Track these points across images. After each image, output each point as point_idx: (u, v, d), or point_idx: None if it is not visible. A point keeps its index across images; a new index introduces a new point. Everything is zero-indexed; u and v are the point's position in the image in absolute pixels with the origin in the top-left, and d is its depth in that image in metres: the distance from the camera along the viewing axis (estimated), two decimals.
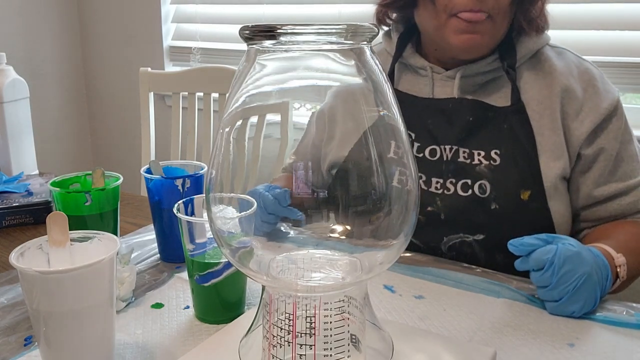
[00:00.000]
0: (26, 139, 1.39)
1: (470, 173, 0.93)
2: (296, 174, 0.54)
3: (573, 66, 0.96)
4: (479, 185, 0.92)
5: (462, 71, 0.95)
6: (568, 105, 0.93)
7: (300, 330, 0.52)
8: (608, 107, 0.92)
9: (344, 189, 0.53)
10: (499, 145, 0.92)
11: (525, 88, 0.94)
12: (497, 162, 0.92)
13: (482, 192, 0.92)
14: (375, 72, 0.53)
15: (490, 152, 0.93)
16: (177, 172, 0.93)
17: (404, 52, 1.01)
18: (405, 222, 0.54)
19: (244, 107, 0.53)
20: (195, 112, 1.72)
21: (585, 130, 0.92)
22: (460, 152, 0.94)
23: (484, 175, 0.92)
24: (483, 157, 0.93)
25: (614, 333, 0.70)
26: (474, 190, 0.92)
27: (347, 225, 0.55)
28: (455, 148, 0.94)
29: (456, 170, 0.94)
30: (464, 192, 0.93)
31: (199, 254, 0.72)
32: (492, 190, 0.91)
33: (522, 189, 0.91)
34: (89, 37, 2.52)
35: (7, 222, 1.07)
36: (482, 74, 0.96)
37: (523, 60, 0.95)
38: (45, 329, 0.57)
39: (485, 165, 0.92)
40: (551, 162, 0.91)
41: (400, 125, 0.54)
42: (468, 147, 0.94)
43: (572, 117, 0.93)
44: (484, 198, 0.92)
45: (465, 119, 0.94)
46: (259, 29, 0.49)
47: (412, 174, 0.55)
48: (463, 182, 0.93)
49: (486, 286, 0.80)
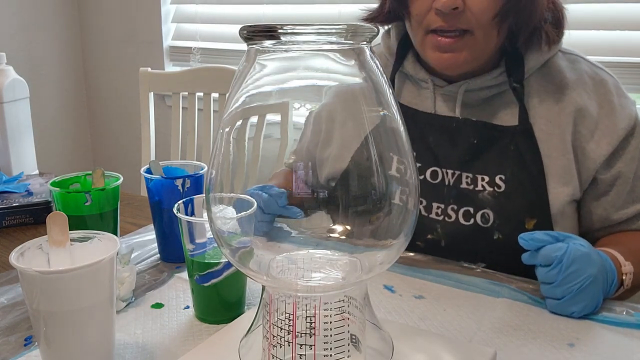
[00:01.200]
0: (26, 139, 1.39)
1: (473, 200, 0.89)
2: (296, 174, 0.54)
3: (587, 78, 0.90)
4: (481, 214, 0.89)
5: (466, 86, 0.90)
6: (581, 124, 0.88)
7: (300, 330, 0.52)
8: (625, 127, 0.87)
9: (344, 189, 0.53)
10: (504, 170, 0.88)
11: (533, 104, 0.89)
12: (501, 188, 0.88)
13: (485, 221, 0.88)
14: (375, 72, 0.53)
15: (494, 178, 0.88)
16: (177, 172, 0.93)
17: (404, 60, 0.96)
18: (405, 222, 0.54)
19: (244, 107, 0.53)
20: (195, 112, 1.72)
21: (603, 154, 0.87)
22: (463, 178, 0.90)
23: (487, 204, 0.88)
24: (487, 182, 0.89)
25: (614, 333, 0.70)
26: (477, 219, 0.89)
27: (347, 225, 0.55)
28: (458, 173, 0.90)
29: (458, 197, 0.90)
30: (466, 220, 0.90)
31: (199, 254, 0.71)
32: (496, 219, 0.88)
33: (528, 218, 0.87)
34: (89, 37, 2.52)
35: (7, 222, 1.07)
36: (486, 89, 0.90)
37: (532, 71, 0.89)
38: (45, 329, 0.57)
39: (489, 192, 0.88)
40: (559, 187, 0.87)
41: (401, 126, 0.54)
42: (471, 171, 0.90)
43: (587, 137, 0.88)
44: (486, 227, 0.88)
45: (470, 141, 0.89)
46: (259, 29, 0.49)
47: (413, 174, 0.55)
48: (465, 209, 0.90)
49: (486, 286, 0.80)
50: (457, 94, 0.91)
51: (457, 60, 0.85)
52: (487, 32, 0.84)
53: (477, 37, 0.84)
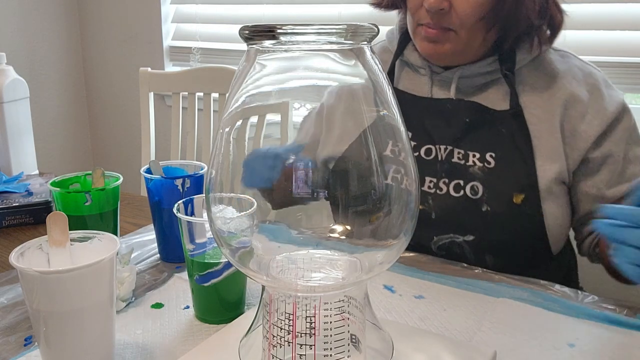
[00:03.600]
0: (26, 139, 1.39)
1: (464, 174, 0.93)
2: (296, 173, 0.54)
3: (576, 69, 0.95)
4: (471, 186, 0.92)
5: (461, 72, 0.95)
6: (572, 108, 0.92)
7: (300, 330, 0.52)
8: (614, 110, 0.92)
9: (344, 189, 0.53)
10: (495, 149, 0.92)
11: (524, 90, 0.94)
12: (491, 164, 0.92)
13: (474, 193, 0.92)
14: (375, 72, 0.53)
15: (485, 155, 0.92)
16: (177, 172, 0.93)
17: (405, 49, 1.01)
18: (405, 222, 0.54)
19: (244, 107, 0.53)
20: (195, 112, 1.72)
21: (594, 133, 0.91)
22: (455, 153, 0.94)
23: (477, 177, 0.92)
24: (478, 159, 0.92)
25: (614, 333, 0.70)
26: (466, 191, 0.92)
27: (347, 225, 0.55)
28: (450, 148, 0.94)
29: (450, 170, 0.94)
30: (456, 192, 0.93)
31: (199, 254, 0.71)
32: (484, 192, 0.91)
33: (516, 193, 0.90)
34: (89, 37, 2.52)
35: (7, 222, 1.07)
36: (481, 75, 0.95)
37: (523, 63, 0.94)
38: (45, 329, 0.57)
39: (479, 167, 0.92)
40: (547, 165, 0.91)
41: (401, 125, 0.54)
42: (463, 148, 0.94)
43: (578, 120, 0.92)
44: (475, 199, 0.91)
45: (463, 119, 0.94)
46: (259, 29, 0.49)
47: (413, 174, 0.55)
48: (456, 182, 0.93)
49: (486, 286, 0.80)
50: (452, 79, 0.96)
51: (439, 50, 0.93)
52: (472, 33, 0.90)
53: (460, 35, 0.90)
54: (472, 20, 0.88)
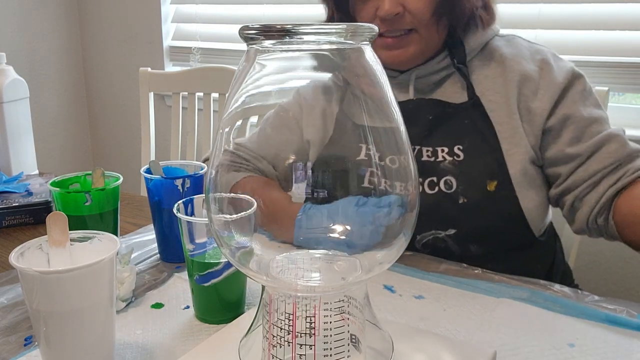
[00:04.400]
0: (26, 139, 1.39)
1: (435, 170, 0.94)
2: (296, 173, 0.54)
3: (524, 49, 0.98)
4: (444, 181, 0.93)
5: (416, 72, 0.97)
6: (525, 87, 0.94)
7: (300, 330, 0.52)
8: (563, 80, 0.93)
9: (344, 189, 0.53)
10: (462, 141, 0.94)
11: (478, 80, 0.96)
12: (460, 157, 0.94)
13: (449, 187, 0.93)
14: (375, 72, 0.53)
15: (453, 148, 0.94)
16: (177, 172, 0.93)
17: None
18: (405, 222, 0.54)
19: (243, 107, 0.53)
20: (195, 112, 1.72)
21: (547, 107, 0.93)
22: (423, 151, 0.95)
23: (449, 171, 0.94)
24: (447, 153, 0.94)
25: (614, 333, 0.70)
26: (440, 186, 0.94)
27: (347, 225, 0.55)
28: (418, 148, 0.96)
29: (421, 170, 0.95)
30: (431, 189, 0.94)
31: (199, 254, 0.71)
32: (459, 185, 0.93)
33: (488, 180, 0.92)
34: (89, 37, 2.52)
35: (7, 222, 1.07)
36: (435, 73, 0.97)
37: (473, 54, 0.97)
38: (45, 329, 0.57)
39: (449, 162, 0.94)
40: (513, 149, 0.93)
41: (401, 125, 0.54)
42: (431, 145, 0.95)
43: (531, 98, 0.94)
44: (450, 193, 0.93)
45: (426, 117, 0.96)
46: (259, 29, 0.49)
47: (413, 174, 0.55)
48: (429, 180, 0.94)
49: (486, 286, 0.80)
50: (409, 81, 0.99)
51: (405, 54, 0.95)
52: (429, 29, 0.93)
53: (421, 34, 0.93)
54: (427, 16, 0.91)
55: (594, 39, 1.49)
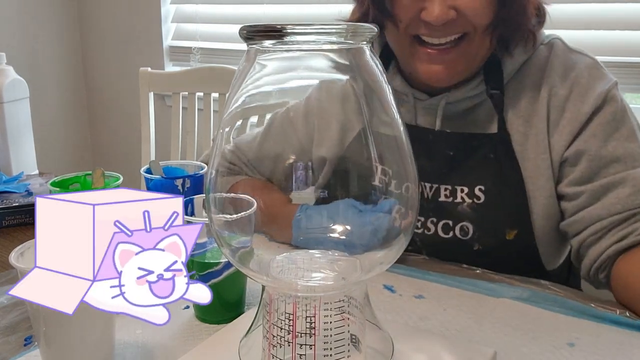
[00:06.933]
0: (26, 139, 1.39)
1: (452, 213, 0.88)
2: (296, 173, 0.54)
3: (558, 65, 0.87)
4: (460, 227, 0.88)
5: (446, 98, 0.88)
6: (553, 111, 0.85)
7: (300, 330, 0.52)
8: (590, 108, 0.83)
9: (344, 189, 0.53)
10: (484, 181, 0.86)
11: (512, 105, 0.87)
12: (481, 200, 0.87)
13: (464, 234, 0.88)
14: (375, 72, 0.53)
15: (474, 189, 0.87)
16: (177, 172, 0.93)
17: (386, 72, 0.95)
18: (405, 223, 0.54)
19: (244, 107, 0.53)
20: (195, 112, 1.72)
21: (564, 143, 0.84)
22: (441, 190, 0.89)
23: (467, 216, 0.87)
24: (466, 194, 0.87)
25: (614, 333, 0.70)
26: (455, 232, 0.88)
27: (346, 225, 0.55)
28: (436, 186, 0.89)
29: (437, 210, 0.89)
30: (445, 233, 0.89)
31: (199, 254, 0.71)
32: (475, 232, 0.87)
33: (508, 229, 0.86)
34: (89, 37, 2.52)
35: (7, 222, 1.07)
36: (467, 99, 0.88)
37: (510, 75, 0.87)
38: (45, 329, 0.57)
39: (467, 205, 0.87)
40: (538, 190, 0.86)
41: (400, 125, 0.54)
42: (450, 183, 0.88)
43: (552, 130, 0.85)
44: (466, 240, 0.88)
45: (445, 153, 0.88)
46: (259, 29, 0.49)
47: (413, 174, 0.55)
48: (444, 222, 0.89)
49: (486, 286, 0.80)
50: (437, 106, 0.89)
51: (449, 72, 0.83)
52: (484, 37, 0.82)
53: (474, 41, 0.81)
54: (485, 20, 0.79)
55: (594, 39, 1.49)
